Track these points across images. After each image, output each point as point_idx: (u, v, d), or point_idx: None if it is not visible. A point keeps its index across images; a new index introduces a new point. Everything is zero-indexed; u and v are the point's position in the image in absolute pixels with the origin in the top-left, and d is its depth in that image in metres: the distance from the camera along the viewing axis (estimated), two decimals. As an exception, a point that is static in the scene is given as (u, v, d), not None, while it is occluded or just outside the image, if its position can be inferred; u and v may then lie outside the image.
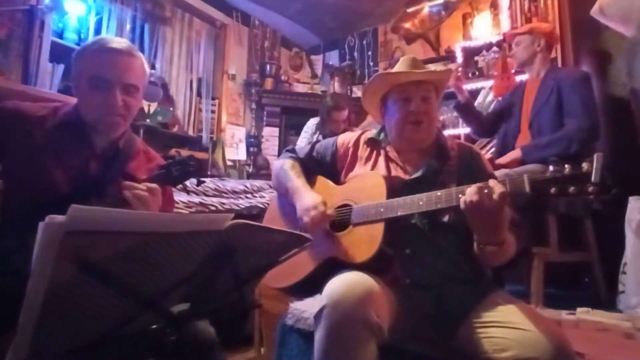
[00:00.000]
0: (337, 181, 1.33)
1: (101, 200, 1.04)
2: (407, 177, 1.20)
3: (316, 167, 1.37)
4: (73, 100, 1.16)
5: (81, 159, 1.10)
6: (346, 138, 1.37)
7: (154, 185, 1.02)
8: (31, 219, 0.92)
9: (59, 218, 0.46)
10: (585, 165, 0.85)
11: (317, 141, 1.44)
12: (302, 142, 3.40)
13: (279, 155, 3.97)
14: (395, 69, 1.28)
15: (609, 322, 1.43)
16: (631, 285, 1.72)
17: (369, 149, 1.31)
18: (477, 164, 1.23)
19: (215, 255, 0.66)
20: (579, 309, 1.55)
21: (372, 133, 1.34)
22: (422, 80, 1.23)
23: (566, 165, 0.87)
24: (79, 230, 0.47)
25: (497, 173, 1.39)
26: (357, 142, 1.34)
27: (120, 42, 1.10)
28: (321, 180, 1.34)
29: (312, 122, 3.49)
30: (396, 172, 1.23)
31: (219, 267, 0.69)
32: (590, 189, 0.83)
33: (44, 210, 0.92)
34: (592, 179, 0.82)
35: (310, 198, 1.19)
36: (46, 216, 0.57)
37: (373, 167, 1.27)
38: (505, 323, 0.93)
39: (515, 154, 2.06)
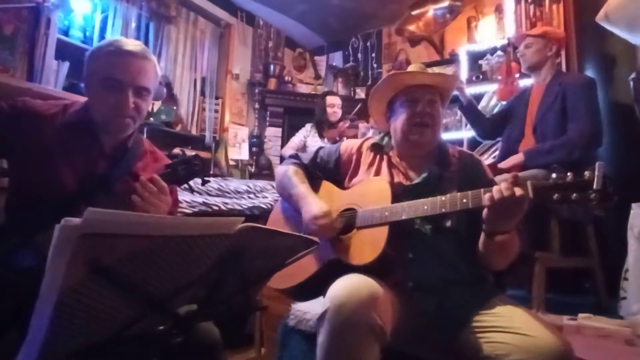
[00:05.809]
0: (341, 187, 1.33)
1: (108, 199, 1.05)
2: (408, 182, 1.22)
3: (320, 172, 1.38)
4: (79, 98, 1.16)
5: (89, 157, 1.10)
6: (349, 144, 1.39)
7: (163, 183, 1.03)
8: (38, 216, 0.93)
9: (75, 220, 0.47)
10: (587, 173, 0.87)
11: (321, 147, 1.45)
12: (296, 139, 3.60)
13: (281, 157, 3.98)
14: None
15: (610, 328, 1.43)
16: (633, 291, 1.72)
17: (372, 155, 1.33)
18: (478, 171, 1.25)
19: (224, 258, 0.66)
20: (580, 315, 1.54)
21: (375, 139, 1.36)
22: (429, 84, 1.25)
23: (569, 173, 0.90)
24: (93, 233, 0.48)
25: (499, 178, 1.40)
26: (360, 148, 1.36)
27: (135, 45, 1.10)
28: (326, 184, 1.35)
29: (311, 125, 3.64)
30: (398, 177, 1.24)
31: (227, 270, 0.69)
32: (592, 196, 0.85)
33: (51, 208, 0.93)
34: (594, 186, 0.84)
35: (316, 206, 1.18)
36: (53, 214, 0.57)
37: (377, 172, 1.28)
38: (507, 328, 0.94)
39: (517, 158, 2.06)
